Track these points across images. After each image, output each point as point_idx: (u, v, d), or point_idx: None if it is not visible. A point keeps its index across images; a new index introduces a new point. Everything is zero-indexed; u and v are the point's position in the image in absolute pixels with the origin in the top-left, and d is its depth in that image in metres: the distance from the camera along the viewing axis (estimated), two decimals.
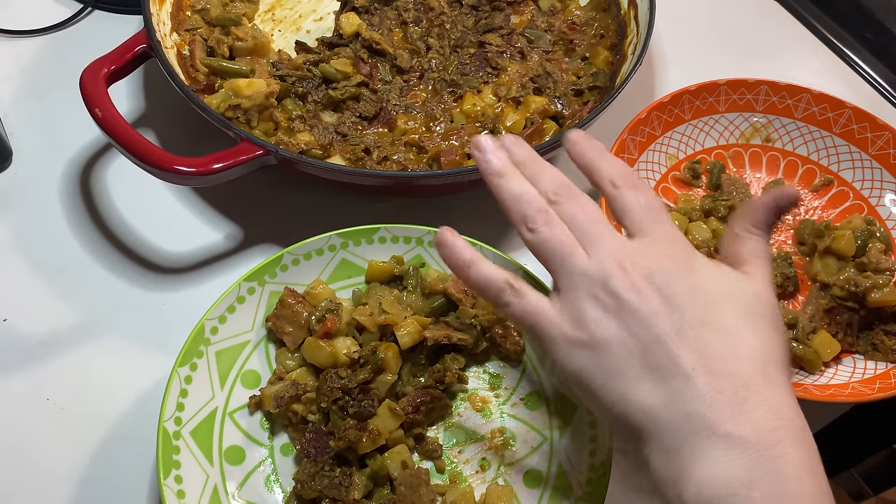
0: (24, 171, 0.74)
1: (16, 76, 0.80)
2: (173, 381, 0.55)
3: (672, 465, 0.40)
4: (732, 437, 0.39)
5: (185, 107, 0.67)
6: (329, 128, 0.71)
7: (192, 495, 0.52)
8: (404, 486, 0.55)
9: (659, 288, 0.43)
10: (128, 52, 0.67)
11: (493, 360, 0.63)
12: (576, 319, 0.44)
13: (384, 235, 0.63)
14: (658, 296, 0.43)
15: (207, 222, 0.71)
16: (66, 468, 0.59)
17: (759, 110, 0.75)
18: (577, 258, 0.45)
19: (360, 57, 0.76)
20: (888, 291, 0.63)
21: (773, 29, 0.91)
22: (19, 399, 0.62)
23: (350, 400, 0.56)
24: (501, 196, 0.48)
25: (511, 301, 0.46)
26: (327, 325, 0.58)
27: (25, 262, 0.68)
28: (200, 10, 0.79)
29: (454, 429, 0.60)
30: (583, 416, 0.58)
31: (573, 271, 0.45)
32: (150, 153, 0.61)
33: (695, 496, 0.39)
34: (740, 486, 0.38)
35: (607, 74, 0.77)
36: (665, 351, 0.42)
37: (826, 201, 0.74)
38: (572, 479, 0.56)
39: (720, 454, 0.39)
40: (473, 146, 0.49)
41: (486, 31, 0.80)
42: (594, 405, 0.45)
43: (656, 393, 0.41)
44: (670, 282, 0.43)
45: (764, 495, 0.38)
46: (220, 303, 0.58)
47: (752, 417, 0.40)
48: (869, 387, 0.61)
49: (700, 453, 0.40)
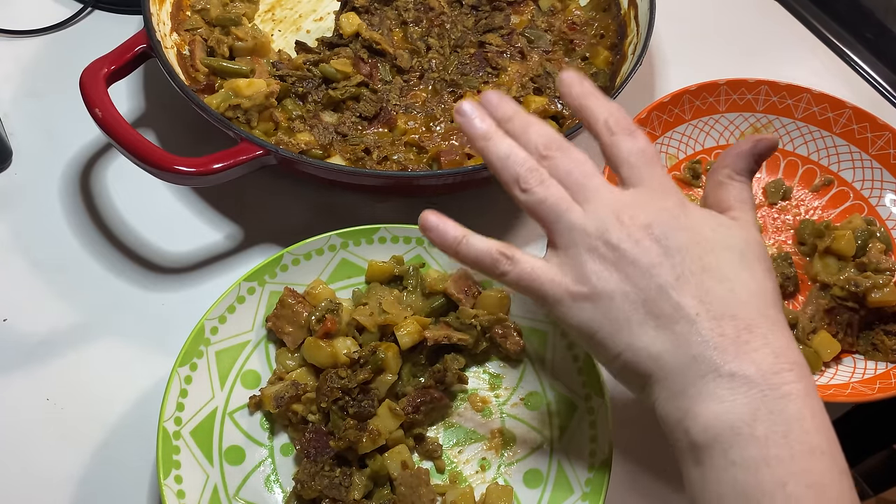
0: (24, 171, 0.74)
1: (16, 76, 0.80)
2: (173, 381, 0.55)
3: (678, 407, 0.42)
4: (737, 376, 0.40)
5: (185, 107, 0.67)
6: (329, 128, 0.71)
7: (192, 495, 0.52)
8: (404, 486, 0.55)
9: (657, 238, 0.44)
10: (128, 52, 0.67)
11: (493, 360, 0.63)
12: (577, 274, 0.44)
13: (384, 235, 0.63)
14: (657, 246, 0.44)
15: (207, 222, 0.71)
16: (66, 468, 0.59)
17: (759, 110, 0.75)
18: (574, 214, 0.45)
19: (360, 57, 0.76)
20: (888, 291, 0.63)
21: (773, 29, 0.91)
22: (19, 399, 0.62)
23: (350, 400, 0.56)
24: (489, 159, 0.48)
25: (507, 270, 0.46)
26: (327, 325, 0.58)
27: (25, 262, 0.68)
28: (200, 10, 0.79)
29: (454, 429, 0.60)
30: (583, 416, 0.58)
31: (571, 227, 0.45)
32: (150, 153, 0.61)
33: (701, 433, 0.41)
34: (744, 424, 0.39)
35: (607, 74, 0.77)
36: (668, 298, 0.43)
37: (826, 201, 0.74)
38: (572, 479, 0.56)
39: (725, 393, 0.40)
40: (456, 112, 0.49)
41: (486, 31, 0.80)
42: (602, 357, 0.46)
43: (662, 339, 0.43)
44: (668, 231, 0.44)
45: (767, 433, 0.39)
46: (220, 303, 0.58)
47: (755, 357, 0.41)
48: (869, 387, 0.61)
49: (706, 393, 0.41)
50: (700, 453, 0.41)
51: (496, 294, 0.62)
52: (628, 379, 0.45)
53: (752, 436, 0.39)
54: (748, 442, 0.39)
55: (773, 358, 0.41)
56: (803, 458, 0.39)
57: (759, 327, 0.42)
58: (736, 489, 0.39)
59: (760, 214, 0.73)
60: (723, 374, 0.41)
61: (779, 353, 0.41)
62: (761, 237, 0.47)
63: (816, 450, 0.39)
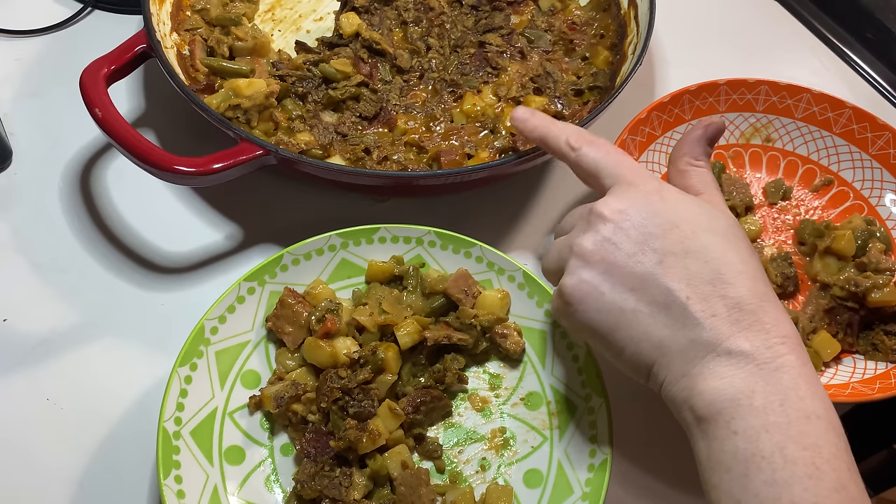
0: (24, 171, 0.74)
1: (16, 76, 0.80)
2: (173, 381, 0.55)
3: (683, 387, 0.44)
4: (733, 352, 0.43)
5: (185, 107, 0.67)
6: (329, 128, 0.71)
7: (192, 495, 0.53)
8: (404, 486, 0.55)
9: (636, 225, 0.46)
10: (128, 52, 0.67)
11: (493, 360, 0.63)
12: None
13: (384, 235, 0.63)
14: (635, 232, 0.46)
15: (207, 222, 0.71)
16: (66, 468, 0.59)
17: (759, 110, 0.75)
18: None
19: (360, 57, 0.76)
20: (888, 291, 0.63)
21: (772, 29, 0.91)
22: (19, 399, 0.62)
23: (350, 400, 0.56)
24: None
25: None
26: (327, 325, 0.58)
27: (25, 262, 0.68)
28: (200, 10, 0.79)
29: (454, 429, 0.60)
30: (583, 415, 0.58)
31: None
32: (150, 153, 0.61)
33: (705, 408, 0.43)
34: (743, 396, 0.42)
35: (607, 74, 0.77)
36: (657, 284, 0.45)
37: (826, 201, 0.73)
38: (572, 479, 0.56)
39: (723, 370, 0.43)
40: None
41: (486, 30, 0.80)
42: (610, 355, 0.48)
43: (659, 325, 0.45)
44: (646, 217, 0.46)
45: (765, 402, 0.42)
46: (220, 303, 0.58)
47: (748, 334, 0.43)
48: (869, 387, 0.61)
49: (707, 372, 0.43)
50: (706, 426, 0.43)
51: (496, 294, 0.62)
52: (636, 370, 0.47)
53: (751, 406, 0.42)
54: (748, 412, 0.42)
55: (764, 333, 0.43)
56: (799, 423, 0.41)
57: (748, 304, 0.44)
58: (737, 456, 0.41)
59: (760, 214, 0.73)
60: (720, 353, 0.43)
61: (770, 328, 0.43)
62: None
63: (812, 415, 0.41)
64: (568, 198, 0.75)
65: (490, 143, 0.71)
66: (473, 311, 0.61)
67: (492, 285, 0.63)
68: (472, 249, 0.63)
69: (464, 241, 0.63)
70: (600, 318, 0.47)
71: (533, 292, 0.61)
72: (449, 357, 0.61)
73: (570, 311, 0.48)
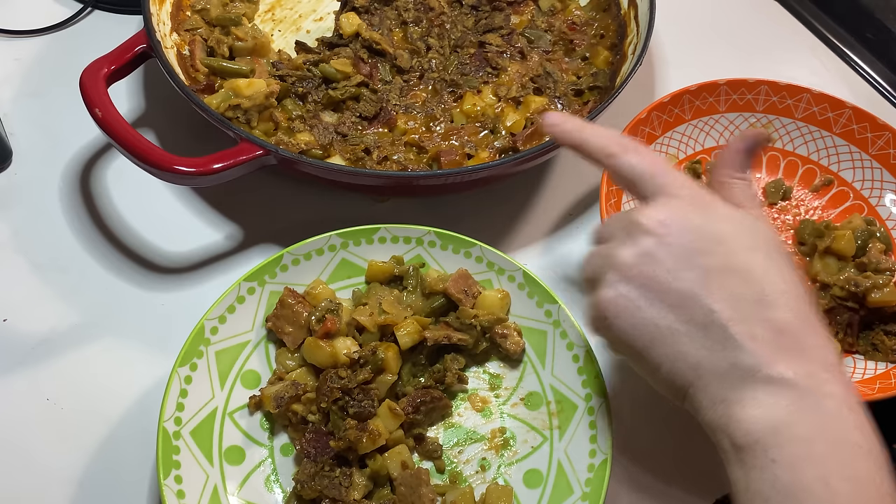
0: (24, 171, 0.74)
1: (16, 76, 0.80)
2: (173, 381, 0.55)
3: (722, 413, 0.42)
4: (773, 379, 0.41)
5: (185, 107, 0.67)
6: (329, 128, 0.71)
7: (192, 495, 0.53)
8: (404, 486, 0.55)
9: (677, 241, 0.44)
10: (128, 52, 0.67)
11: (493, 360, 0.63)
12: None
13: (384, 235, 0.63)
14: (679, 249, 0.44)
15: (207, 222, 0.71)
16: (66, 468, 0.59)
17: (759, 110, 0.75)
18: None
19: (360, 57, 0.76)
20: (888, 291, 0.63)
21: (772, 29, 0.91)
22: (19, 399, 0.62)
23: (350, 400, 0.56)
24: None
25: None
26: (327, 325, 0.58)
27: (25, 262, 0.68)
28: (200, 10, 0.79)
29: (454, 429, 0.60)
30: (583, 416, 0.58)
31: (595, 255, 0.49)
32: (150, 153, 0.61)
33: (743, 436, 0.41)
34: (784, 426, 0.40)
35: (607, 74, 0.77)
36: (699, 304, 0.43)
37: (826, 201, 0.73)
38: (572, 479, 0.56)
39: (763, 397, 0.41)
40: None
41: (486, 31, 0.80)
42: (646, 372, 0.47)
43: (697, 346, 0.43)
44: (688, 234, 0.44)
45: (807, 433, 0.40)
46: (220, 303, 0.58)
47: (790, 360, 0.41)
48: (869, 387, 0.61)
49: (748, 398, 0.41)
50: (744, 454, 0.41)
51: (496, 294, 0.62)
52: (672, 390, 0.46)
53: (793, 436, 0.40)
54: (789, 442, 0.40)
55: (808, 360, 0.41)
56: (842, 454, 0.39)
57: (791, 327, 0.42)
58: (777, 487, 0.40)
59: None
60: (761, 380, 0.41)
61: (813, 355, 0.42)
62: None
63: (854, 446, 0.40)
64: (568, 198, 0.75)
65: (490, 143, 0.71)
66: (473, 311, 0.61)
67: (492, 285, 0.63)
68: (472, 249, 0.63)
69: (464, 241, 0.63)
70: (636, 334, 0.45)
71: (533, 292, 0.61)
72: (449, 357, 0.61)
73: (606, 325, 0.46)
